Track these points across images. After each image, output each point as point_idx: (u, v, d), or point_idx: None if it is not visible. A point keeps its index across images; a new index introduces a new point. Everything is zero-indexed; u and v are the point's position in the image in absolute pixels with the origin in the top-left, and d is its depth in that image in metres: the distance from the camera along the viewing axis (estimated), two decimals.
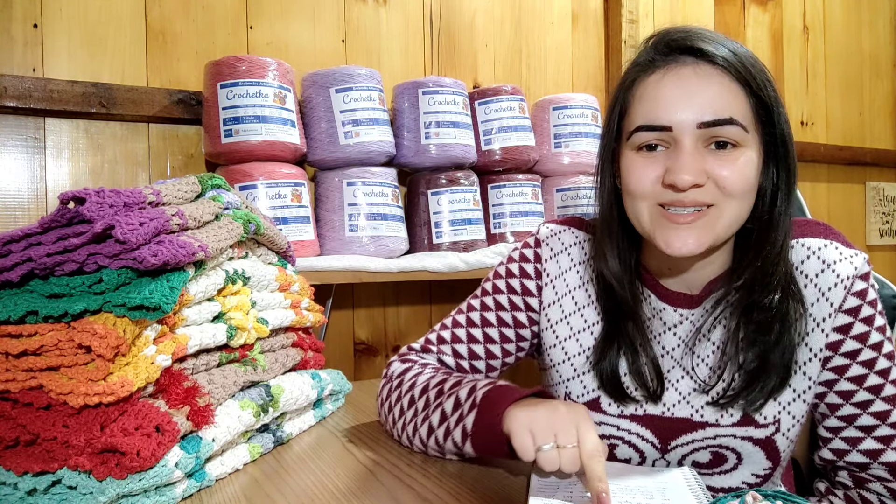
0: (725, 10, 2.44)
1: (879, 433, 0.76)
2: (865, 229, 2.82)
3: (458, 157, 1.61)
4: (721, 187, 0.70)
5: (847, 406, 0.78)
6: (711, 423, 0.79)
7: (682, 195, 0.71)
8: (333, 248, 1.49)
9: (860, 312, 0.76)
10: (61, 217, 0.67)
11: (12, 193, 1.37)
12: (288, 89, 1.44)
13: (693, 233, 0.71)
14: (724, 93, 0.70)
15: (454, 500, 0.68)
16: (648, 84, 0.74)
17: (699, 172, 0.70)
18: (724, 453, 0.80)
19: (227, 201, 0.86)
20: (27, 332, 0.64)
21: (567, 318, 0.87)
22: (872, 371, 0.76)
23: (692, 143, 0.70)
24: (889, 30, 2.91)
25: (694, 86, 0.71)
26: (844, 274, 0.76)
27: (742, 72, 0.71)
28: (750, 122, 0.72)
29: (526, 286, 0.89)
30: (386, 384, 0.89)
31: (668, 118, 0.71)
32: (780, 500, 0.58)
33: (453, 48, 1.88)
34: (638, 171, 0.74)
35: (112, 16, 1.44)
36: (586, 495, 0.65)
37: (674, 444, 0.81)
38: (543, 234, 0.90)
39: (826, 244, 0.78)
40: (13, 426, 0.64)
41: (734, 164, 0.70)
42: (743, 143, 0.71)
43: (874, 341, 0.76)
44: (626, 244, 0.82)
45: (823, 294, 0.76)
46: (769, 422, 0.78)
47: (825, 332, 0.77)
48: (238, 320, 0.81)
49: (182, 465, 0.66)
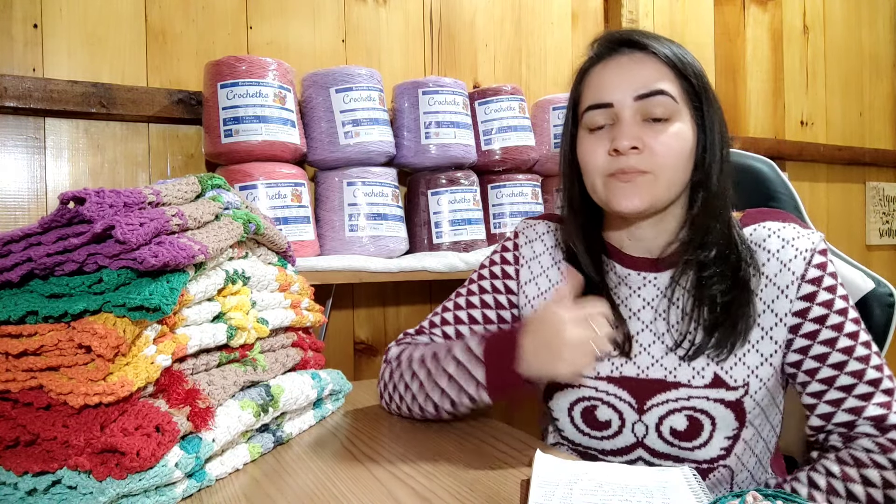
0: (725, 10, 2.44)
1: (859, 391, 0.81)
2: (865, 229, 2.82)
3: (458, 157, 1.61)
4: (655, 154, 0.82)
5: (825, 368, 0.83)
6: (684, 383, 0.85)
7: (624, 160, 0.83)
8: (333, 248, 1.49)
9: (822, 282, 0.84)
10: (61, 217, 0.67)
11: (12, 193, 1.37)
12: (288, 89, 1.44)
13: (636, 191, 0.83)
14: (655, 72, 0.84)
15: (454, 499, 0.68)
16: (593, 73, 0.88)
17: (636, 138, 0.82)
18: (698, 418, 0.85)
19: (227, 201, 0.86)
20: (27, 332, 0.64)
21: (543, 294, 0.98)
22: (842, 334, 0.83)
23: (631, 115, 0.84)
24: (889, 29, 2.91)
25: (630, 68, 0.85)
26: (803, 247, 0.86)
27: (672, 58, 0.85)
28: (680, 97, 0.84)
29: (505, 270, 1.02)
30: (386, 368, 0.98)
31: (610, 96, 0.85)
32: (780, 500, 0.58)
33: (453, 48, 1.88)
34: (590, 146, 0.87)
35: (112, 16, 1.44)
36: (586, 495, 0.65)
37: (649, 404, 0.87)
38: (520, 227, 1.05)
39: (784, 226, 0.88)
40: (13, 426, 0.64)
41: (666, 134, 0.83)
42: (674, 115, 0.84)
43: (839, 307, 0.84)
44: (590, 221, 0.94)
45: (785, 265, 0.85)
46: (739, 385, 0.84)
47: (790, 300, 0.84)
48: (238, 320, 0.81)
49: (182, 465, 0.66)
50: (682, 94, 0.84)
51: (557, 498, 0.64)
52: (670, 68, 0.84)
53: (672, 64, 0.84)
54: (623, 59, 0.86)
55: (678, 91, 0.84)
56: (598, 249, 0.94)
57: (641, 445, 0.87)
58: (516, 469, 0.78)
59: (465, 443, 0.88)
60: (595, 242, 0.94)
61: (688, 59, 0.86)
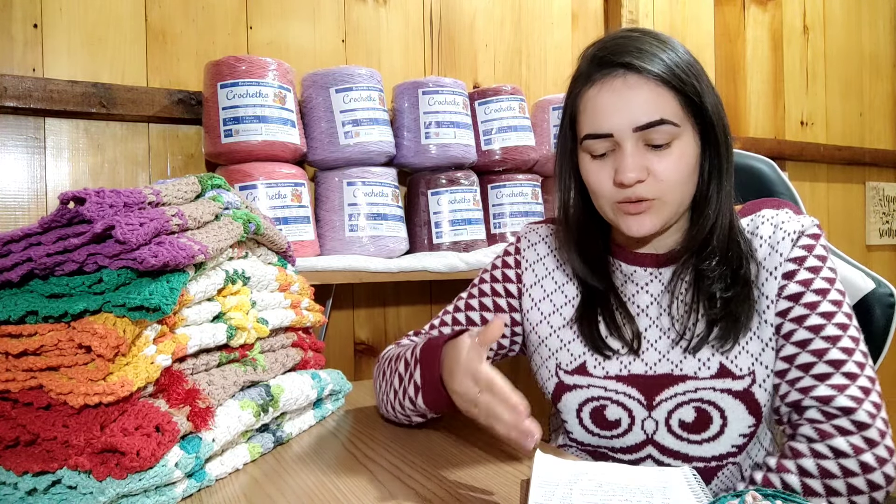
0: (725, 10, 2.44)
1: (816, 370, 0.79)
2: (865, 229, 2.82)
3: (458, 157, 1.61)
4: (661, 180, 0.81)
5: (788, 346, 0.82)
6: (691, 375, 0.85)
7: (630, 191, 0.81)
8: (333, 248, 1.49)
9: (805, 262, 0.84)
10: (61, 217, 0.67)
11: (12, 193, 1.37)
12: (288, 89, 1.44)
13: (647, 218, 0.83)
14: (652, 98, 0.80)
15: (454, 499, 0.68)
16: (588, 97, 0.83)
17: (640, 169, 0.81)
18: (707, 410, 0.85)
19: (227, 201, 0.86)
20: (27, 332, 0.64)
21: (549, 295, 0.97)
22: (814, 312, 0.81)
23: (632, 145, 0.81)
24: (889, 30, 2.91)
25: (626, 95, 0.80)
26: (791, 229, 0.86)
27: (667, 75, 0.80)
28: (681, 118, 0.81)
29: (507, 275, 1.01)
30: (377, 367, 0.98)
31: (609, 126, 0.81)
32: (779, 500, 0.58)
33: (453, 48, 1.88)
34: (594, 174, 0.85)
35: (112, 16, 1.44)
36: (586, 495, 0.65)
37: (658, 400, 0.87)
38: (523, 231, 1.04)
39: (777, 212, 0.89)
40: (13, 426, 0.64)
41: (670, 159, 0.81)
42: (676, 136, 0.81)
43: (818, 287, 0.82)
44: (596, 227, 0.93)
45: (774, 248, 0.86)
46: (745, 373, 0.84)
47: (777, 279, 0.85)
48: (238, 320, 0.81)
49: (182, 465, 0.66)
50: (682, 111, 0.81)
51: (557, 498, 0.64)
52: (667, 87, 0.80)
53: (669, 84, 0.80)
54: (617, 84, 0.81)
55: (678, 110, 0.81)
56: (600, 252, 0.93)
57: (651, 442, 0.87)
58: (516, 469, 0.78)
59: (465, 443, 0.88)
60: (596, 245, 0.93)
61: (683, 69, 0.81)
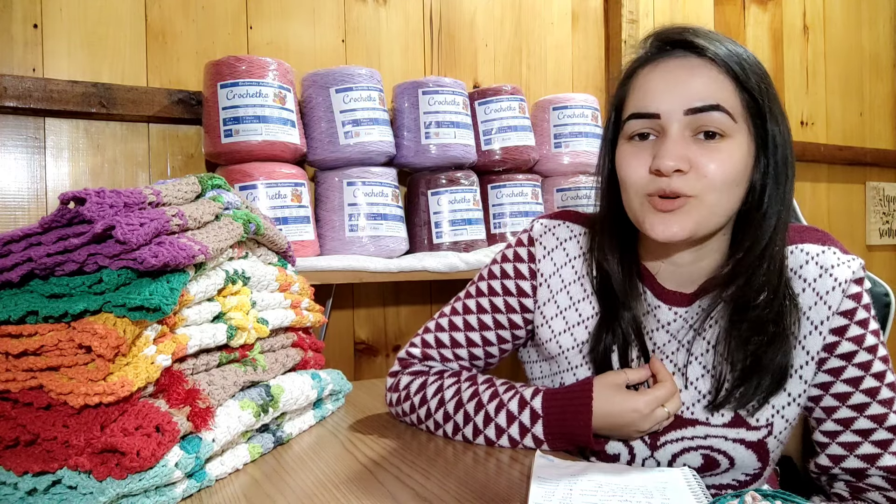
0: (725, 10, 2.44)
1: (877, 437, 0.75)
2: (865, 229, 2.82)
3: (458, 157, 1.61)
4: (702, 176, 0.71)
5: (843, 409, 0.77)
6: (702, 421, 0.79)
7: (665, 182, 0.72)
8: (333, 248, 1.49)
9: (855, 315, 0.76)
10: (61, 217, 0.67)
11: (12, 193, 1.37)
12: (288, 89, 1.44)
13: (676, 219, 0.72)
14: (711, 82, 0.72)
15: (454, 500, 0.68)
16: (640, 76, 0.76)
17: (682, 159, 0.71)
18: (715, 457, 0.79)
19: (227, 201, 0.86)
20: (27, 332, 0.64)
21: (562, 312, 0.87)
22: (868, 373, 0.76)
23: (679, 131, 0.72)
24: (889, 29, 2.91)
25: (682, 75, 0.73)
26: (843, 277, 0.76)
27: (731, 64, 0.72)
28: (739, 113, 0.72)
29: (521, 287, 0.90)
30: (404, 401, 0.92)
31: (657, 106, 0.73)
32: (779, 500, 0.58)
33: (453, 48, 1.88)
34: (629, 158, 0.76)
35: (112, 16, 1.44)
36: (586, 495, 0.65)
37: (663, 441, 0.81)
38: (537, 232, 0.91)
39: (824, 250, 0.79)
40: (13, 426, 0.64)
41: (718, 154, 0.72)
42: (730, 133, 0.72)
43: (869, 344, 0.76)
44: (626, 239, 0.83)
45: (821, 298, 0.77)
46: (762, 424, 0.78)
47: (822, 336, 0.77)
48: (238, 320, 0.81)
49: (182, 465, 0.66)
50: (742, 110, 0.73)
51: (557, 498, 0.64)
52: (730, 78, 0.72)
53: (733, 73, 0.72)
54: (674, 63, 0.73)
55: (737, 105, 0.72)
56: (631, 271, 0.83)
57: None
58: (516, 469, 0.78)
59: (465, 443, 0.88)
60: (629, 263, 0.83)
61: (750, 66, 0.73)
